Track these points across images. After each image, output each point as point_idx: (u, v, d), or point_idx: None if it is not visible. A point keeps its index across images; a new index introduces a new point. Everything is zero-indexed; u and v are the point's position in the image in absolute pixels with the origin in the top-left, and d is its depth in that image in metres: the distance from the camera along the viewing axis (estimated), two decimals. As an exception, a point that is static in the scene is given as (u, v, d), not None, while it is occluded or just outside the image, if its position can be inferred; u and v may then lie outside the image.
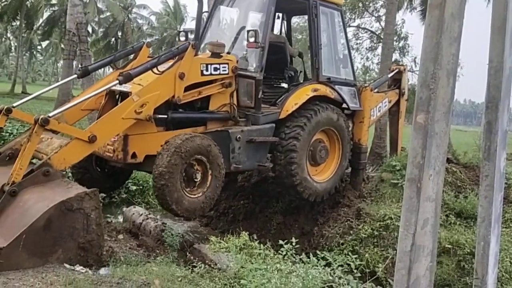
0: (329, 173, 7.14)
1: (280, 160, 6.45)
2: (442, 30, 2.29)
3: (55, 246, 3.87)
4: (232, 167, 5.97)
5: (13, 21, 36.29)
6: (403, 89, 8.63)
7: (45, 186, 4.21)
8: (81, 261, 4.01)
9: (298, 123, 6.48)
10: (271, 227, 7.50)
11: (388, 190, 7.50)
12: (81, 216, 3.97)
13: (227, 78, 5.94)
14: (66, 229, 3.90)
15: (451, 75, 2.31)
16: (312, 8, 6.81)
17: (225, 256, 4.73)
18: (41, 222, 3.76)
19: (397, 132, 8.87)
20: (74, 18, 14.38)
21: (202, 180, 5.37)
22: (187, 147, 5.10)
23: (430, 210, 2.31)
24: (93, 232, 4.05)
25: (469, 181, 7.79)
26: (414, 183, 2.28)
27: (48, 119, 4.33)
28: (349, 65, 7.62)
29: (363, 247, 6.37)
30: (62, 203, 3.87)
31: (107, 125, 4.85)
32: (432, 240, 2.36)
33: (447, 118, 2.30)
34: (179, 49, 5.59)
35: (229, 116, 6.05)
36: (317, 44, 6.84)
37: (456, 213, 6.87)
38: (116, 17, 37.54)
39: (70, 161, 4.60)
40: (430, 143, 2.25)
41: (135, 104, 4.99)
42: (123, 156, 5.25)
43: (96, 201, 4.08)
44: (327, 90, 6.91)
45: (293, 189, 6.65)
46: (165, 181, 4.96)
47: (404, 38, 19.75)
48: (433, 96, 2.24)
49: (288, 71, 7.28)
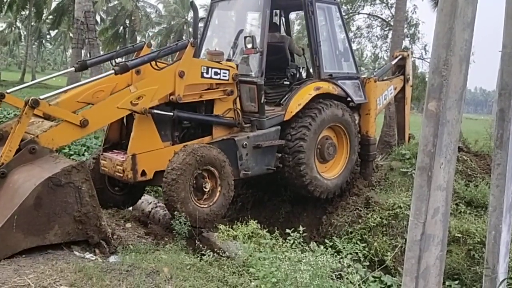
0: (338, 168, 7.11)
1: (288, 161, 6.46)
2: (455, 15, 2.24)
3: (51, 222, 3.83)
4: (241, 174, 6.04)
5: (22, 11, 36.39)
6: (408, 75, 8.55)
7: (33, 164, 4.16)
8: (81, 233, 3.98)
9: (303, 123, 6.46)
10: (280, 215, 7.51)
11: (397, 179, 7.47)
12: (71, 190, 3.90)
13: (228, 85, 5.93)
14: (58, 205, 3.85)
15: (463, 62, 2.26)
16: (308, 5, 6.72)
17: (234, 244, 4.74)
18: (31, 201, 3.72)
19: (403, 118, 8.85)
20: (82, 7, 14.39)
21: (211, 193, 5.44)
22: (204, 153, 5.26)
23: (441, 199, 2.28)
24: (88, 204, 3.98)
25: (479, 169, 7.73)
26: (425, 172, 2.25)
27: (38, 101, 4.28)
28: (351, 58, 7.51)
29: (372, 236, 6.37)
30: (49, 179, 3.80)
31: (100, 112, 4.81)
32: (442, 229, 2.33)
33: (459, 105, 2.25)
34: (177, 45, 5.58)
35: (234, 123, 6.06)
36: (316, 41, 6.75)
37: (466, 202, 6.83)
38: (124, 6, 37.45)
39: (59, 142, 4.53)
40: (442, 131, 2.20)
41: (132, 95, 4.96)
42: (133, 175, 5.29)
43: (84, 173, 4.00)
44: (330, 87, 6.85)
45: (304, 189, 6.66)
46: (177, 176, 5.02)
47: (415, 25, 19.47)
48: (445, 83, 2.20)
49: (290, 70, 7.23)
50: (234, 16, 7.70)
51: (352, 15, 20.51)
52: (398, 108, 9.05)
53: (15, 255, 3.68)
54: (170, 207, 5.15)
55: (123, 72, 5.00)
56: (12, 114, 9.91)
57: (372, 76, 7.76)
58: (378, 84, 7.73)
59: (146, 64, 5.28)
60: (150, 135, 5.43)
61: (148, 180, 5.51)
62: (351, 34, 20.73)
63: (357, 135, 7.28)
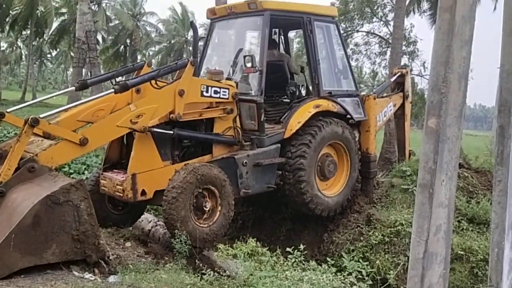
0: (339, 186, 7.08)
1: (289, 179, 6.44)
2: (453, 33, 2.26)
3: (48, 241, 3.77)
4: (241, 192, 6.02)
5: (23, 30, 36.74)
6: (407, 92, 8.59)
7: (32, 183, 4.13)
8: (79, 252, 3.92)
9: (303, 141, 6.46)
10: (280, 233, 7.46)
11: (398, 196, 7.44)
12: (70, 209, 3.86)
13: (228, 104, 5.96)
14: (56, 223, 3.81)
15: (462, 79, 2.28)
16: (306, 24, 6.77)
17: (234, 263, 4.70)
18: (29, 220, 3.68)
19: (403, 134, 8.86)
20: (83, 26, 14.54)
21: (211, 213, 5.42)
22: (205, 172, 5.26)
23: (443, 216, 2.27)
24: (86, 223, 3.93)
25: (481, 186, 7.70)
26: (426, 189, 2.24)
27: (38, 119, 4.27)
28: (350, 75, 7.54)
29: (374, 254, 6.30)
30: (48, 197, 3.77)
31: (100, 130, 4.81)
32: (445, 247, 2.31)
33: (459, 122, 2.26)
34: (177, 64, 5.62)
35: (235, 141, 6.07)
36: (315, 59, 6.78)
37: (468, 218, 6.79)
38: (125, 25, 37.86)
39: (58, 160, 4.51)
40: (442, 148, 2.21)
41: (132, 113, 4.97)
42: (133, 195, 5.27)
43: (83, 191, 3.97)
44: (329, 105, 6.86)
45: (304, 206, 6.63)
46: (177, 195, 5.01)
47: (413, 43, 19.64)
48: (444, 100, 2.21)
49: (289, 88, 7.24)
50: (234, 35, 7.77)
51: (351, 33, 20.71)
52: (398, 125, 9.07)
53: (13, 275, 3.64)
54: (170, 225, 5.11)
55: (123, 91, 5.01)
56: (12, 133, 9.92)
57: (371, 94, 7.78)
58: (378, 101, 7.76)
59: (146, 83, 5.31)
60: (150, 155, 5.43)
61: (148, 199, 5.48)
62: (349, 51, 20.91)
63: (358, 152, 7.27)
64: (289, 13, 6.93)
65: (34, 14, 33.52)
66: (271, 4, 6.39)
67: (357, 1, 19.63)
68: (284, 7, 6.72)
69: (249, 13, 6.62)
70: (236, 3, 7.71)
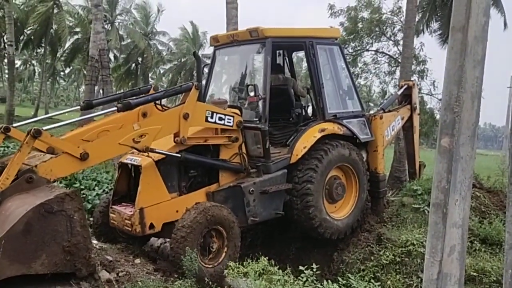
0: (348, 208, 7.02)
1: (296, 204, 6.41)
2: (465, 53, 2.27)
3: (38, 251, 3.69)
4: (249, 220, 6.03)
5: (37, 48, 37.47)
6: (415, 104, 8.53)
7: (28, 193, 4.05)
8: (69, 265, 3.82)
9: (309, 165, 6.43)
10: (290, 252, 7.40)
11: (409, 215, 7.36)
12: (63, 219, 3.78)
13: (233, 132, 5.98)
14: (48, 233, 3.72)
15: (475, 98, 2.28)
16: (309, 48, 6.74)
17: (244, 281, 4.66)
18: (20, 227, 3.60)
19: (413, 147, 8.79)
20: (97, 45, 14.76)
21: (216, 253, 5.45)
22: (215, 213, 5.31)
23: (457, 237, 2.25)
24: (78, 235, 3.84)
25: (493, 206, 7.61)
26: (440, 209, 2.23)
27: (40, 131, 4.27)
28: (355, 95, 7.50)
29: (385, 274, 6.22)
30: (41, 205, 3.71)
31: (102, 146, 4.80)
32: (459, 268, 2.29)
33: (473, 141, 2.26)
34: (182, 87, 5.65)
35: (241, 168, 6.08)
36: (319, 83, 6.75)
37: (481, 239, 6.69)
38: (137, 44, 38.42)
39: (57, 173, 4.46)
40: (456, 167, 2.20)
41: (135, 132, 4.97)
42: (141, 229, 5.33)
43: (78, 202, 3.89)
44: (335, 128, 6.82)
45: (313, 231, 6.60)
46: (186, 234, 5.06)
47: (422, 62, 19.65)
48: (457, 119, 2.21)
49: (294, 110, 7.25)
50: (237, 62, 7.78)
51: (361, 52, 20.79)
52: (406, 137, 8.98)
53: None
54: (176, 264, 5.11)
55: (125, 109, 5.04)
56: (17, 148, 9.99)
57: (377, 114, 7.69)
58: (385, 116, 7.71)
59: (152, 108, 5.34)
60: (156, 188, 5.47)
61: (157, 232, 5.53)
62: (358, 70, 20.94)
63: (366, 173, 7.20)
64: (291, 39, 6.97)
65: (48, 33, 34.20)
66: (272, 32, 6.40)
67: (366, 20, 19.76)
68: (285, 33, 6.76)
69: (251, 40, 6.63)
70: (238, 31, 7.80)
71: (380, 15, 19.81)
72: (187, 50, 43.14)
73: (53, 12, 33.14)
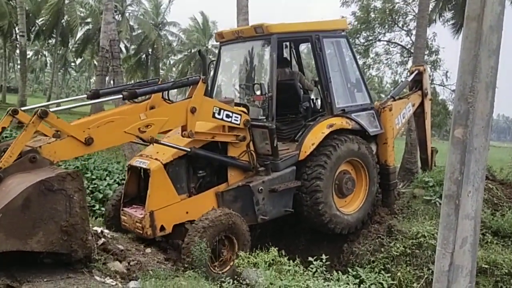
0: (359, 202, 6.99)
1: (306, 201, 6.39)
2: (480, 42, 2.23)
3: (35, 228, 3.65)
4: (258, 219, 6.05)
5: (49, 39, 37.65)
6: (426, 89, 8.39)
7: (30, 172, 4.00)
8: (65, 245, 3.80)
9: (318, 162, 6.38)
10: (299, 243, 7.40)
11: (420, 207, 7.32)
12: (63, 198, 3.75)
13: (240, 130, 5.94)
14: (46, 211, 3.69)
15: (490, 89, 2.24)
16: (315, 42, 6.64)
17: (254, 271, 4.68)
18: (19, 201, 3.57)
19: (424, 133, 8.67)
20: (107, 36, 14.81)
21: (225, 261, 5.47)
22: (236, 222, 5.44)
23: (469, 229, 2.23)
24: (77, 216, 3.81)
25: (506, 198, 7.53)
26: (452, 200, 2.20)
27: (47, 112, 4.27)
28: (363, 88, 7.39)
29: (395, 266, 6.20)
30: (41, 182, 3.67)
31: (107, 133, 4.77)
32: (471, 260, 2.27)
33: (486, 132, 2.22)
34: (189, 80, 5.61)
35: (249, 167, 6.06)
36: (326, 78, 6.67)
37: (493, 231, 6.64)
38: (147, 34, 38.42)
39: (61, 156, 4.45)
40: (469, 158, 2.17)
41: (141, 122, 4.95)
42: (152, 231, 5.37)
43: (79, 182, 3.86)
44: (343, 122, 6.75)
45: (324, 227, 6.58)
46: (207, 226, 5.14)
47: (435, 52, 19.39)
48: (471, 109, 2.18)
49: (302, 105, 7.18)
50: (242, 59, 7.69)
51: (373, 42, 20.58)
52: (418, 123, 8.86)
53: (36, 278, 3.70)
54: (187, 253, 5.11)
55: (131, 98, 5.03)
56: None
57: (386, 105, 7.55)
58: (395, 104, 7.60)
59: (161, 101, 5.29)
60: (166, 191, 5.49)
61: (168, 234, 5.56)
62: (370, 60, 20.76)
63: (376, 166, 7.14)
64: (297, 34, 6.89)
65: (59, 24, 34.32)
66: (277, 28, 6.34)
67: (379, 10, 19.53)
68: (290, 28, 6.67)
69: (256, 37, 6.58)
70: (243, 27, 7.71)
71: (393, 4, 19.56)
72: (197, 41, 43.06)
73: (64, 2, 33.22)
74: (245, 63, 7.61)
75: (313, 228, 6.98)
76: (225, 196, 5.86)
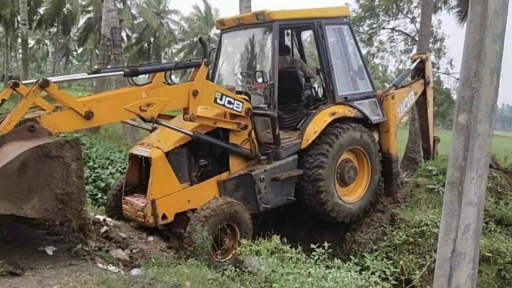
0: (361, 190, 6.99)
1: (308, 190, 6.38)
2: (485, 26, 2.20)
3: (31, 193, 3.57)
4: (260, 207, 6.03)
5: (50, 28, 37.51)
6: (428, 78, 8.34)
7: (28, 141, 3.90)
8: (59, 214, 3.72)
9: (320, 150, 6.36)
10: (302, 232, 7.42)
11: (423, 196, 7.31)
12: (60, 165, 3.66)
13: (242, 118, 5.88)
14: (42, 177, 3.60)
15: (494, 74, 2.21)
16: (317, 29, 6.57)
17: (256, 259, 4.69)
18: (16, 165, 3.48)
19: (426, 122, 8.65)
20: (108, 23, 14.71)
21: (226, 250, 5.49)
22: (238, 210, 5.47)
23: (472, 215, 2.21)
24: (73, 185, 3.73)
25: (509, 187, 7.51)
26: (455, 187, 2.18)
27: (48, 81, 4.20)
28: (366, 75, 7.34)
29: (398, 254, 6.21)
30: (39, 147, 3.60)
31: (108, 108, 4.71)
32: (474, 247, 2.25)
33: (491, 118, 2.19)
34: (191, 61, 5.57)
35: (251, 155, 6.03)
36: (328, 65, 6.61)
37: (496, 220, 6.64)
38: (149, 23, 38.22)
39: (60, 127, 4.38)
40: (473, 144, 2.15)
41: (142, 100, 4.89)
42: (154, 220, 5.37)
43: (77, 151, 3.77)
44: (345, 110, 6.71)
45: (326, 216, 6.58)
46: (208, 215, 5.18)
47: (440, 40, 19.20)
48: (475, 95, 2.15)
49: (304, 93, 7.13)
50: (243, 46, 7.63)
51: (377, 30, 20.38)
52: (420, 112, 8.83)
53: (39, 265, 3.71)
54: (189, 241, 5.14)
55: (132, 75, 4.97)
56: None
57: (389, 93, 7.50)
58: (397, 93, 7.56)
59: (162, 84, 5.20)
60: (167, 179, 5.47)
61: (170, 223, 5.56)
62: (374, 49, 20.59)
63: (378, 154, 7.12)
64: (299, 21, 6.82)
65: (61, 12, 34.18)
66: (278, 15, 6.27)
67: (383, -3, 19.30)
68: (292, 15, 6.60)
69: (258, 24, 6.51)
70: (244, 14, 7.63)
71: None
72: (199, 29, 42.81)
73: (65, -9, 33.07)
74: (247, 50, 7.55)
75: (315, 216, 6.98)
76: (226, 184, 5.86)
